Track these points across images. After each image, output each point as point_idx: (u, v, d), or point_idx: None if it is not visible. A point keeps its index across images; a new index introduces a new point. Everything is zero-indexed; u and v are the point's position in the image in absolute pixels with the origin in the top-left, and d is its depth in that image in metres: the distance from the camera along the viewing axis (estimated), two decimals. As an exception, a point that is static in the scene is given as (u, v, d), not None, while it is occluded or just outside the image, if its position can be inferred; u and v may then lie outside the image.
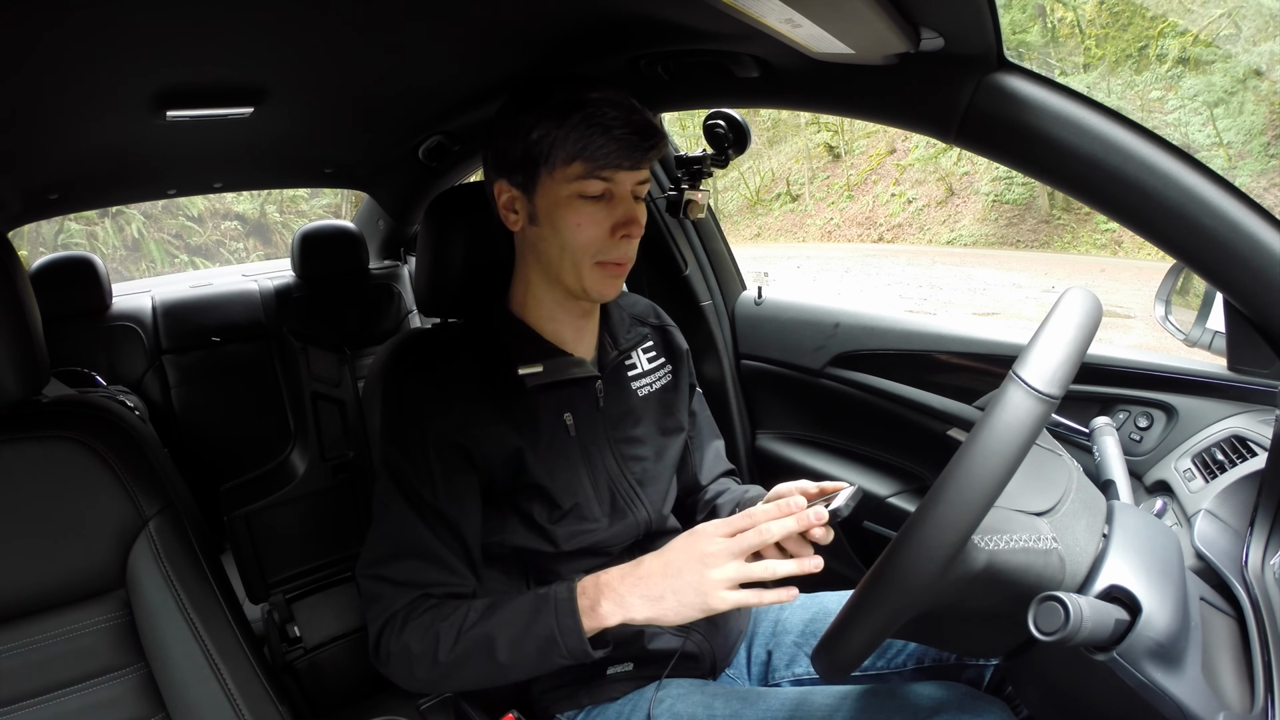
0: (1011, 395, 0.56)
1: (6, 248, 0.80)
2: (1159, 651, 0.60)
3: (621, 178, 0.84)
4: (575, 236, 0.84)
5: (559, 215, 0.84)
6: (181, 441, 2.28)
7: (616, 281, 0.89)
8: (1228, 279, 0.79)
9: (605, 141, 0.81)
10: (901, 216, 12.89)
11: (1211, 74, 9.68)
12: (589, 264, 0.86)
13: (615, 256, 0.86)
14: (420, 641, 0.80)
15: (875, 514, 1.41)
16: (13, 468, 0.80)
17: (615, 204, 0.85)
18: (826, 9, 0.64)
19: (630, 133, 0.81)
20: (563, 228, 0.84)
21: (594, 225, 0.84)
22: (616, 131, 0.81)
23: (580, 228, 0.84)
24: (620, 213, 0.85)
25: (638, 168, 0.84)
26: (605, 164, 0.82)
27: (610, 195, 0.84)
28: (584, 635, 0.76)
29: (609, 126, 0.81)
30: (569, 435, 0.91)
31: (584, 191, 0.83)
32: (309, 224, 2.47)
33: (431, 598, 0.83)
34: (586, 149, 0.81)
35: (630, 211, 0.85)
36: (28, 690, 0.80)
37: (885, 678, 0.95)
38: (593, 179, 0.83)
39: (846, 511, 0.74)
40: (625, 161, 0.82)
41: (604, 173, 0.82)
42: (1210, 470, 0.91)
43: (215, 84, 1.05)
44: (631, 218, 0.85)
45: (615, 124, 0.81)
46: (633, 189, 0.86)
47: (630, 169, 0.83)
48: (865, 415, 1.46)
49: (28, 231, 10.03)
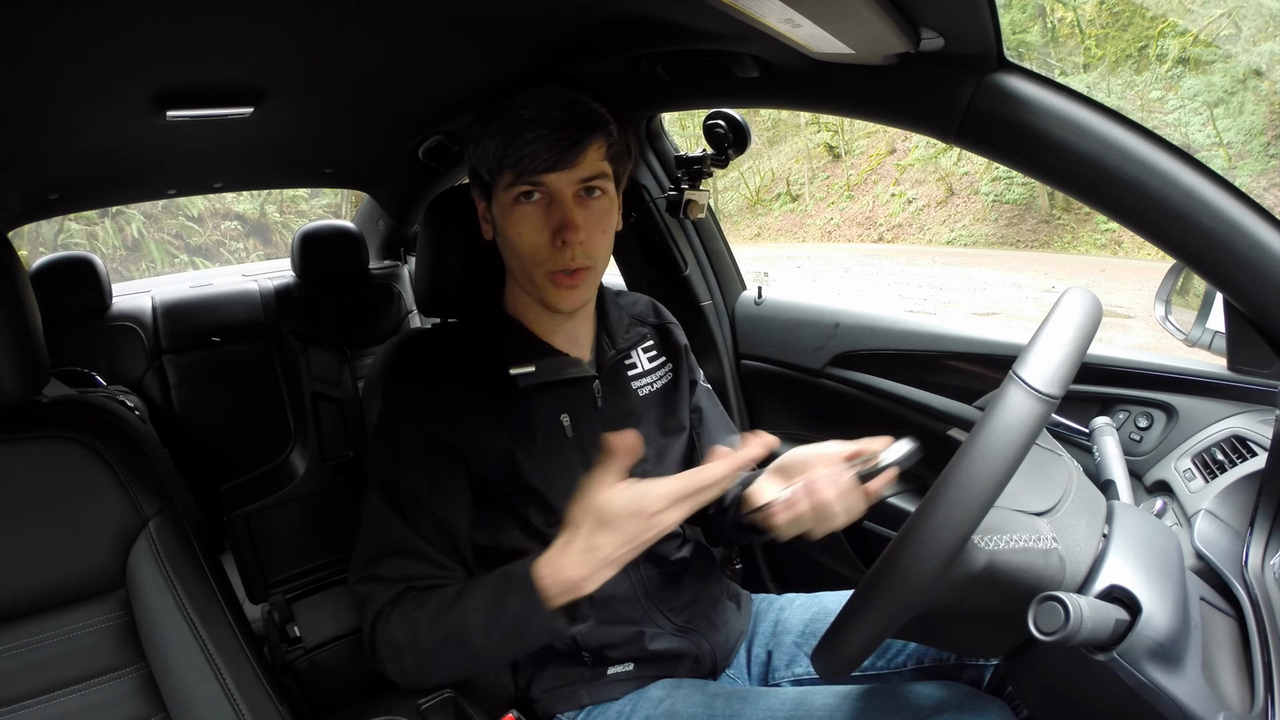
0: (1011, 395, 0.56)
1: (6, 248, 0.80)
2: (1159, 651, 0.60)
3: (552, 180, 0.80)
4: (519, 245, 0.83)
5: (506, 225, 0.83)
6: (181, 441, 2.28)
7: (574, 292, 0.84)
8: (1228, 279, 0.79)
9: (521, 145, 0.78)
10: (901, 216, 12.89)
11: (1211, 74, 9.69)
12: (540, 275, 0.83)
13: (560, 265, 0.82)
14: (402, 631, 0.78)
15: (875, 514, 1.40)
16: (13, 468, 0.80)
17: (554, 207, 0.81)
18: (826, 9, 0.64)
19: (550, 131, 0.78)
20: (510, 237, 0.83)
21: (534, 232, 0.81)
22: (532, 133, 0.77)
23: (521, 236, 0.82)
24: (557, 216, 0.81)
25: (563, 166, 0.79)
26: (527, 169, 0.79)
27: (549, 198, 0.81)
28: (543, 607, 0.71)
29: (523, 129, 0.78)
30: (566, 437, 0.91)
31: (520, 197, 0.81)
32: (309, 224, 2.47)
33: (414, 590, 0.82)
34: (508, 155, 0.79)
35: (566, 215, 0.80)
36: (28, 690, 0.80)
37: (885, 678, 0.95)
38: (521, 183, 0.80)
39: (907, 463, 0.75)
40: (541, 163, 0.78)
41: (530, 177, 0.79)
42: (1210, 470, 0.91)
43: (215, 84, 1.05)
44: (566, 221, 0.80)
45: (531, 125, 0.78)
46: (576, 189, 0.81)
47: (556, 169, 0.79)
48: (865, 415, 1.45)
49: (28, 231, 10.03)
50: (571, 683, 0.93)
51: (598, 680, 0.93)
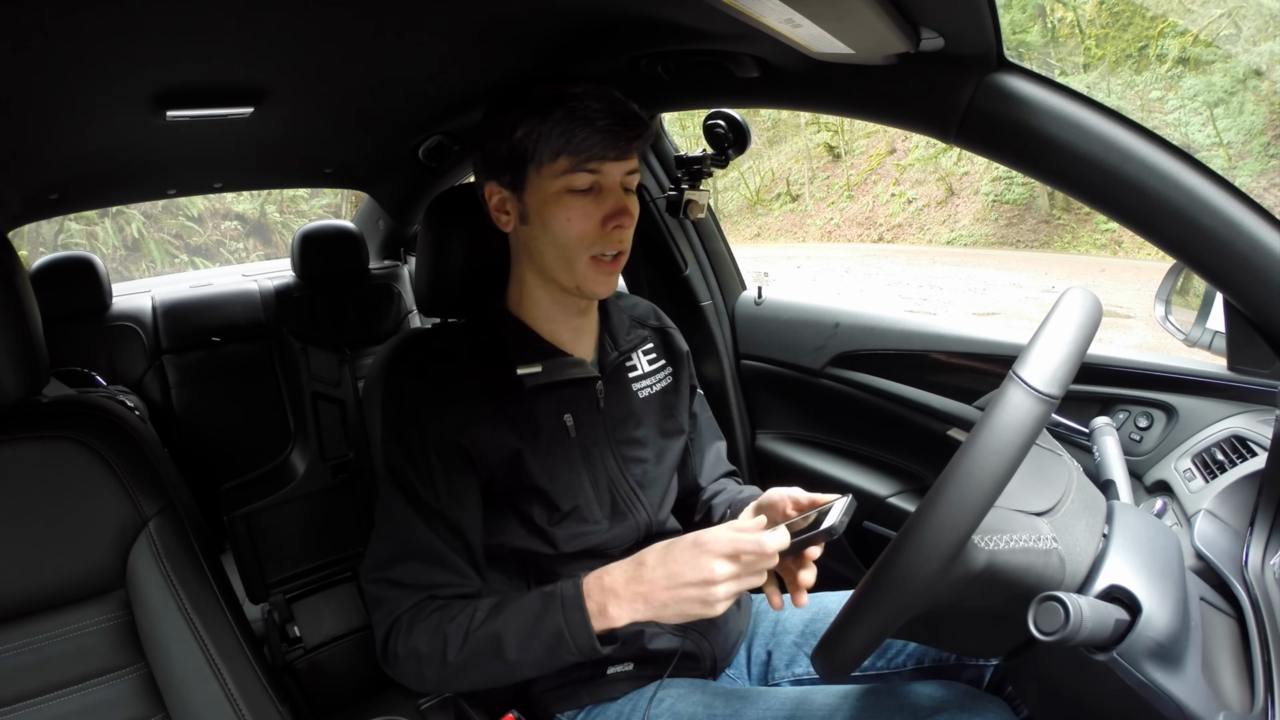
0: (1011, 395, 0.56)
1: (6, 248, 0.80)
2: (1159, 651, 0.60)
3: (609, 169, 0.84)
4: (566, 231, 0.84)
5: (549, 212, 0.84)
6: (181, 441, 2.28)
7: (610, 279, 0.88)
8: (1228, 279, 0.79)
9: (589, 133, 0.81)
10: (901, 216, 12.89)
11: (1211, 74, 9.68)
12: (583, 259, 0.85)
13: (608, 249, 0.86)
14: (428, 643, 0.80)
15: (875, 514, 1.41)
16: (13, 468, 0.80)
17: (604, 196, 0.84)
18: (826, 9, 0.63)
19: (614, 123, 0.81)
20: (553, 224, 0.84)
21: (584, 219, 0.84)
22: (600, 123, 0.81)
23: (571, 222, 0.84)
24: (610, 204, 0.84)
25: (624, 157, 0.84)
26: (591, 156, 0.82)
27: (599, 188, 0.84)
28: (593, 633, 0.76)
29: (592, 118, 0.81)
30: (569, 436, 0.91)
31: (572, 185, 0.83)
32: (309, 224, 2.47)
33: (437, 599, 0.83)
34: (571, 142, 0.81)
35: (620, 202, 0.85)
36: (28, 690, 0.80)
37: (885, 678, 0.95)
38: (580, 172, 0.83)
39: (841, 529, 0.73)
40: (610, 152, 0.82)
41: (590, 165, 0.82)
42: (1210, 470, 0.91)
43: (215, 84, 1.05)
44: (622, 208, 0.84)
45: (598, 115, 0.81)
46: (622, 180, 0.85)
47: (616, 159, 0.83)
48: (865, 415, 1.45)
49: (28, 231, 10.03)
50: (571, 682, 0.93)
51: (598, 680, 0.93)
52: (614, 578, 0.77)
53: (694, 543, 0.73)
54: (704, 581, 0.71)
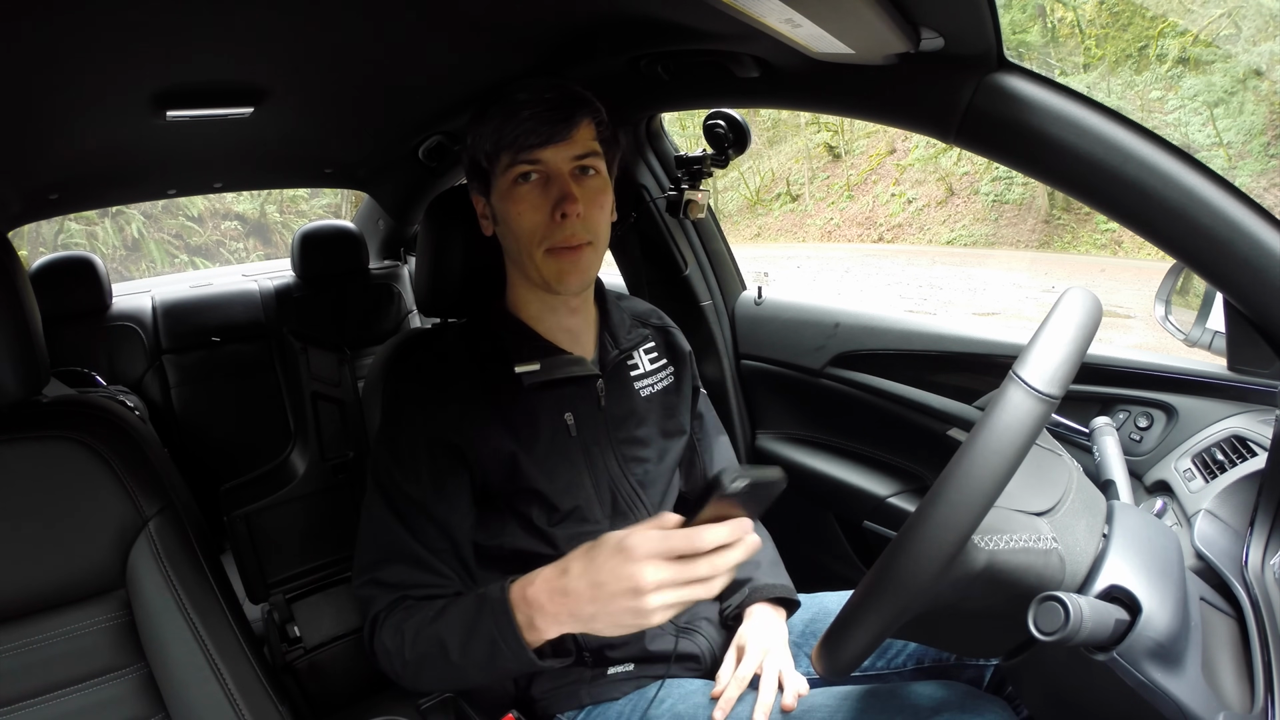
0: (1011, 395, 0.56)
1: (6, 248, 0.80)
2: (1159, 651, 0.60)
3: (548, 156, 0.83)
4: (519, 225, 0.85)
5: (504, 209, 0.86)
6: (181, 441, 2.28)
7: (573, 269, 0.86)
8: (1228, 279, 0.79)
9: (515, 124, 0.82)
10: (901, 216, 12.88)
11: (1211, 74, 9.68)
12: (539, 252, 0.86)
13: (560, 239, 0.84)
14: (392, 640, 0.80)
15: (875, 514, 1.41)
16: (13, 468, 0.80)
17: (552, 185, 0.84)
18: (826, 9, 0.64)
19: (542, 109, 0.82)
20: (509, 219, 0.86)
21: (534, 211, 0.84)
22: (525, 112, 0.82)
23: (521, 215, 0.85)
24: (555, 191, 0.84)
25: (557, 140, 0.83)
26: (522, 145, 0.83)
27: (545, 177, 0.84)
28: (525, 645, 0.71)
29: (517, 109, 0.82)
30: (570, 435, 0.91)
31: (516, 178, 0.84)
32: (309, 224, 2.48)
33: (410, 599, 0.83)
34: (503, 137, 0.83)
35: (564, 189, 0.83)
36: (28, 690, 0.80)
37: (885, 678, 0.95)
38: (518, 164, 0.84)
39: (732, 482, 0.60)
40: (537, 138, 0.82)
41: (525, 155, 0.83)
42: (1210, 470, 0.91)
43: (215, 84, 1.05)
44: (565, 194, 0.83)
45: (524, 105, 0.82)
46: (571, 165, 0.84)
47: (550, 144, 0.83)
48: (865, 415, 1.45)
49: (28, 231, 10.03)
50: (571, 683, 0.93)
51: (598, 680, 0.93)
52: (537, 589, 0.71)
53: (617, 547, 0.65)
54: (632, 591, 0.63)
